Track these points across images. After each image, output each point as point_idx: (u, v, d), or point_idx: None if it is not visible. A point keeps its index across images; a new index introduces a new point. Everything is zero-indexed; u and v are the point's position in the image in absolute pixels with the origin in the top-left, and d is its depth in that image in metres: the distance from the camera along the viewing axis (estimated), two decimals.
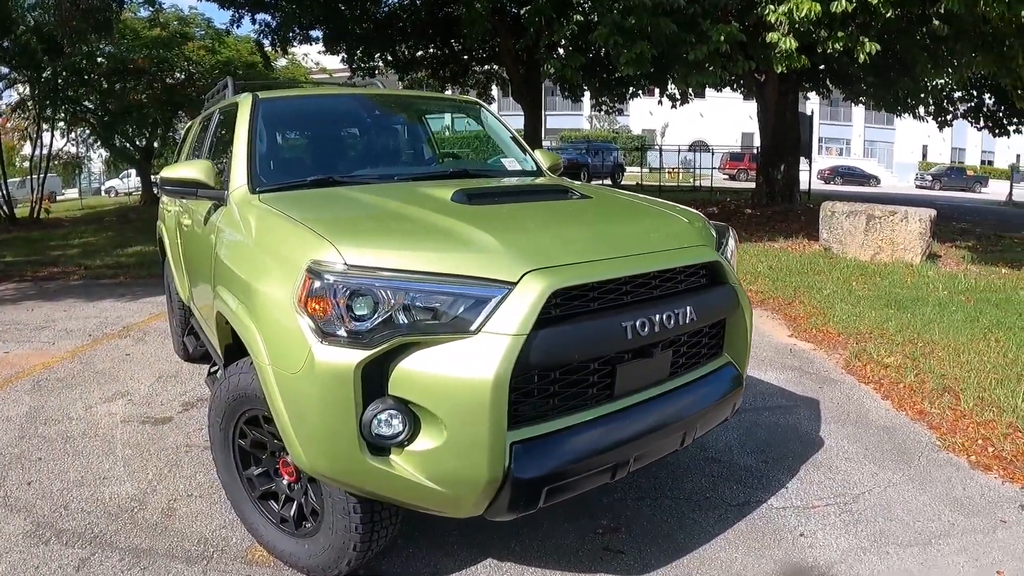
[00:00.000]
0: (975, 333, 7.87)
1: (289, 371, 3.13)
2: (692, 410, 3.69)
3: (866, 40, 13.92)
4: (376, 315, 2.98)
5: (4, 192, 26.34)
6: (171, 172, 4.63)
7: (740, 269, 9.60)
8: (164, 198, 7.65)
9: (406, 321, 2.99)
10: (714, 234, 4.19)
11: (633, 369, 3.44)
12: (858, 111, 71.34)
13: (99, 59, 31.80)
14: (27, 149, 34.88)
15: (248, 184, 4.44)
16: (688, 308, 3.55)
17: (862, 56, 13.98)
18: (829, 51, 14.22)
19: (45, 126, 30.77)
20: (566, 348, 3.13)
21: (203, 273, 4.83)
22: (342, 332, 2.99)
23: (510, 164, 5.82)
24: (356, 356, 2.95)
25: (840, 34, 13.91)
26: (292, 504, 3.74)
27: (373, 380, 3.01)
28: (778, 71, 14.56)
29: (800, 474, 4.74)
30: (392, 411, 3.00)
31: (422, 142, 6.49)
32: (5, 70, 28.40)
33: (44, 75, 28.25)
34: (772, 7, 13.83)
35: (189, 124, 8.03)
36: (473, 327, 2.98)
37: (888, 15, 13.12)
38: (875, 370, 6.75)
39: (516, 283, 3.05)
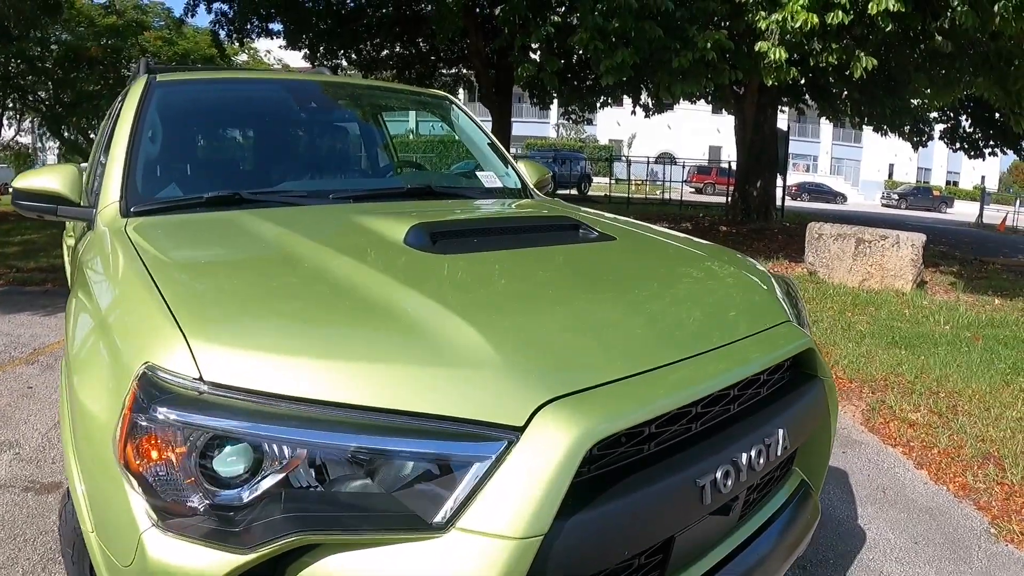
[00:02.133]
0: (995, 380, 7.00)
1: (119, 560, 1.79)
2: (761, 564, 2.37)
3: (863, 55, 13.11)
4: (259, 482, 1.65)
5: None
6: (23, 181, 3.41)
7: None
8: None
9: (315, 496, 1.68)
10: (783, 296, 2.96)
11: (695, 533, 2.15)
12: (826, 128, 71.51)
13: (52, 46, 30.88)
14: None
15: (121, 201, 3.18)
16: (780, 432, 2.30)
17: (858, 71, 13.15)
18: (823, 64, 13.41)
19: None
20: (610, 545, 1.81)
21: None
22: (195, 503, 1.66)
23: (487, 179, 4.57)
24: (221, 564, 1.64)
25: (835, 46, 13.09)
26: None
27: None
28: (768, 83, 13.72)
29: None
30: None
31: (375, 146, 5.36)
32: None
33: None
34: (763, 14, 12.97)
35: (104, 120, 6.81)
36: (439, 517, 1.67)
37: (888, 28, 12.29)
38: (900, 428, 5.84)
39: (523, 428, 1.72)
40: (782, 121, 26.77)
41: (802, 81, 20.08)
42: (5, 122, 33.38)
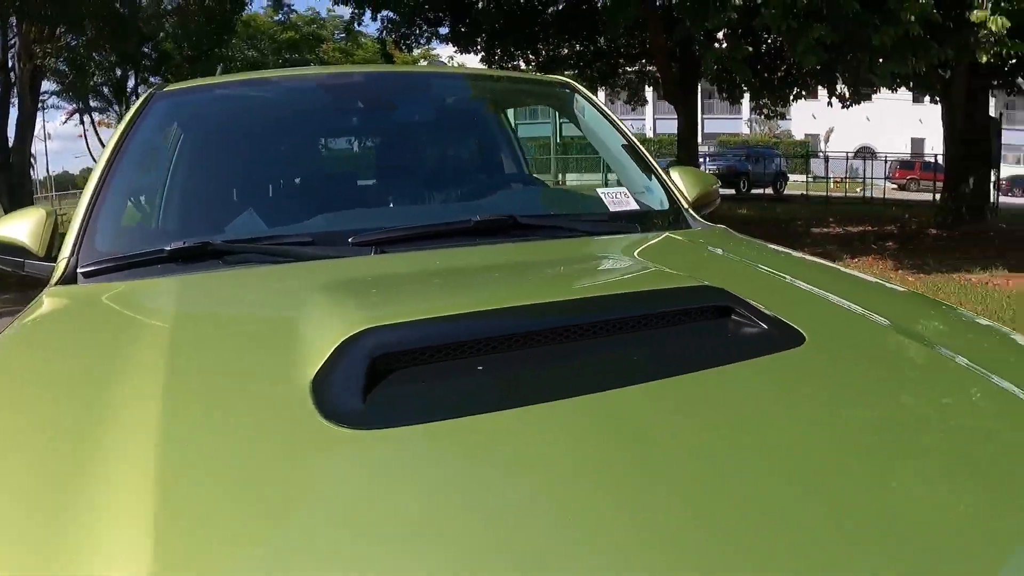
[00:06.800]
0: None
1: None
2: None
3: None
4: None
5: None
6: None
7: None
8: None
9: None
10: None
11: None
12: None
13: (238, 63, 32.25)
14: None
15: (72, 255, 2.41)
16: None
17: None
18: None
19: None
20: None
21: None
22: None
23: (614, 199, 2.95)
24: None
25: None
26: None
27: None
28: (982, 60, 12.03)
29: None
30: None
31: (452, 156, 4.09)
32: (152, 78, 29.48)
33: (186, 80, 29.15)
34: None
35: None
36: None
37: None
38: None
39: None
40: (991, 108, 24.65)
41: (1014, 60, 18.00)
42: None
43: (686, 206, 3.09)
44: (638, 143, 3.43)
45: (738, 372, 1.47)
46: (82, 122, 29.00)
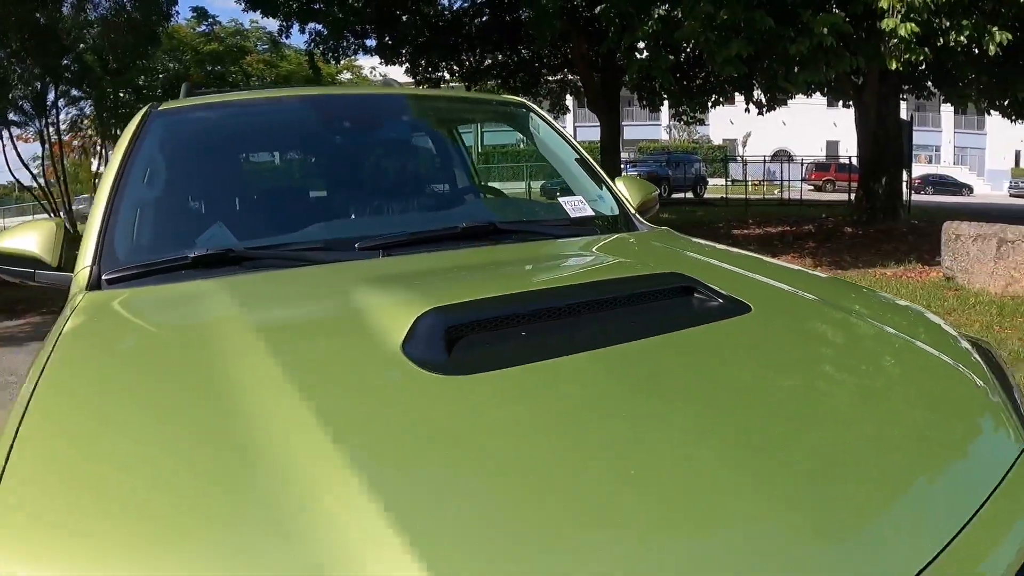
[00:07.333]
0: None
1: None
2: None
3: (995, 30, 12.08)
4: None
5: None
6: (1, 242, 2.89)
7: None
8: None
9: None
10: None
11: None
12: (947, 116, 68.68)
13: (160, 75, 31.65)
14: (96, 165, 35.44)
15: (93, 266, 2.56)
16: None
17: (992, 48, 12.15)
18: (951, 43, 12.33)
19: (110, 144, 30.84)
20: None
21: None
22: None
23: (573, 206, 3.39)
24: None
25: (965, 22, 12.03)
26: None
27: None
28: (892, 67, 12.66)
29: None
30: None
31: (432, 170, 4.42)
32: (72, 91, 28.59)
33: (107, 92, 28.02)
34: None
35: None
36: None
37: None
38: None
39: None
40: (902, 111, 25.43)
41: (923, 66, 18.75)
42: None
43: (632, 211, 3.58)
44: (589, 157, 3.89)
45: (707, 331, 2.01)
46: (0, 137, 28.50)
